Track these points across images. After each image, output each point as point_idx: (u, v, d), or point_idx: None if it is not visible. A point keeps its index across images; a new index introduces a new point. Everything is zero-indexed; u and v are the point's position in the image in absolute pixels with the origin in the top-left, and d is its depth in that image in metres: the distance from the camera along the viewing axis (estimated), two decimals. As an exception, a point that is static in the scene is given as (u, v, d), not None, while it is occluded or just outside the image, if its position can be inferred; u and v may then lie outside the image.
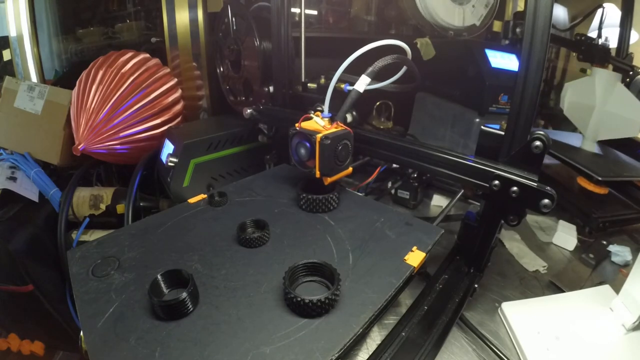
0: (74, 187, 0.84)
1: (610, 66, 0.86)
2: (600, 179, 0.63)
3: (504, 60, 0.85)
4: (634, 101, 0.74)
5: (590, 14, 0.96)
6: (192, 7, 0.98)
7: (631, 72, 0.89)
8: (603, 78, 0.76)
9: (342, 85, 0.57)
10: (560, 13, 1.24)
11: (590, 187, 0.71)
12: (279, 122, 0.73)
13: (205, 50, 1.01)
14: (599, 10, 0.88)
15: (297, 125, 0.50)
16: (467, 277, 0.50)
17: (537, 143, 0.40)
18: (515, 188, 0.41)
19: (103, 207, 0.83)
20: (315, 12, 1.12)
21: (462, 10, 0.83)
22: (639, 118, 0.73)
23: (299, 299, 0.31)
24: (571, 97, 0.80)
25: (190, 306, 0.32)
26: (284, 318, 0.32)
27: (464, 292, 0.47)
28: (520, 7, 1.19)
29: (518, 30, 0.88)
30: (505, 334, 0.48)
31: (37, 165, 0.88)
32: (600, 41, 0.86)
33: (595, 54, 0.86)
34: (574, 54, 0.97)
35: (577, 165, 0.67)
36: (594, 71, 0.79)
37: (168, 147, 0.79)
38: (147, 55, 0.97)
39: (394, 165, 0.82)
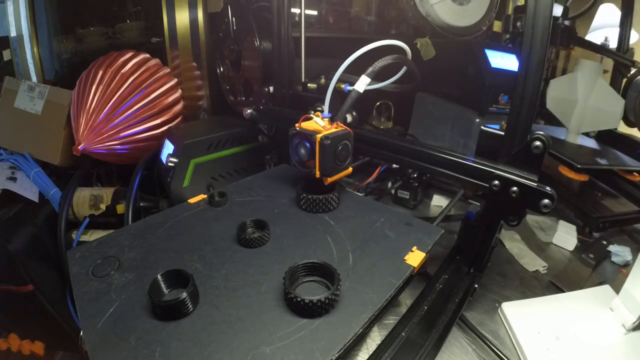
0: (74, 187, 0.84)
1: (601, 57, 0.86)
2: (579, 166, 0.66)
3: (504, 60, 0.85)
4: (613, 95, 0.76)
5: (589, 10, 0.97)
6: (192, 7, 0.98)
7: (632, 67, 0.89)
8: (586, 69, 0.78)
9: (342, 85, 0.57)
10: (559, 13, 1.24)
11: (571, 175, 0.74)
12: (279, 122, 0.72)
13: (205, 50, 1.01)
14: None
15: (297, 125, 0.50)
16: (467, 277, 0.50)
17: (537, 143, 0.40)
18: (515, 188, 0.41)
19: (103, 207, 0.83)
20: (315, 12, 1.12)
21: (462, 10, 0.83)
22: (619, 110, 0.76)
23: (299, 299, 0.31)
24: (554, 92, 0.82)
25: (190, 306, 0.32)
26: (284, 318, 0.32)
27: (464, 292, 0.47)
28: (521, 0, 1.19)
29: (519, 24, 0.89)
30: (505, 334, 0.48)
31: (37, 165, 0.88)
32: (566, 22, 0.84)
33: (557, 34, 0.84)
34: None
35: (558, 155, 0.69)
36: (578, 62, 0.80)
37: (168, 147, 0.79)
38: (147, 55, 0.97)
39: (394, 165, 0.82)
